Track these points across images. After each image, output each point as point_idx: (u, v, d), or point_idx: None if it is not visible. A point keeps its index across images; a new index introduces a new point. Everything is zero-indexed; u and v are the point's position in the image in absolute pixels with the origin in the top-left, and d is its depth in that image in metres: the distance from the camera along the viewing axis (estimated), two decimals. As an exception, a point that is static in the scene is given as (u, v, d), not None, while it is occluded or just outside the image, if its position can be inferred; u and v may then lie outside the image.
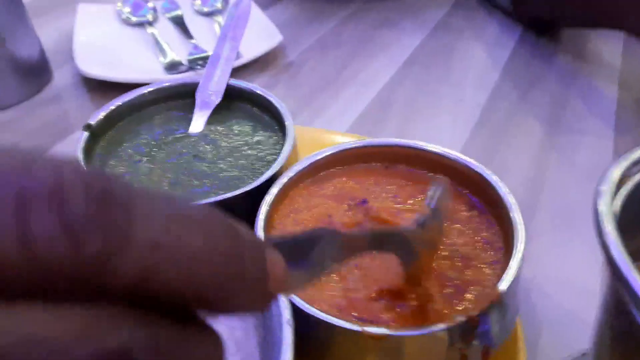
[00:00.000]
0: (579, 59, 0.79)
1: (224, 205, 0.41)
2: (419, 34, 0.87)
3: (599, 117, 0.66)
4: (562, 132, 0.63)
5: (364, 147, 0.44)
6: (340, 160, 0.45)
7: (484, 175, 0.40)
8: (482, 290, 0.34)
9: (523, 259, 0.34)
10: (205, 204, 0.40)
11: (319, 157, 0.44)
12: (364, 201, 0.42)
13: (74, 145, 0.62)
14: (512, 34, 0.85)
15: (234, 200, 0.41)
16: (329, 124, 0.66)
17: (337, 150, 0.44)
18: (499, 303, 0.32)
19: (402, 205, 0.41)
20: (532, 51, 0.81)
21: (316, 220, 0.41)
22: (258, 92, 0.53)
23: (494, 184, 0.39)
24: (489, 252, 0.37)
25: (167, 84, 0.54)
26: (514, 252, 0.34)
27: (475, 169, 0.41)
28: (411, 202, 0.42)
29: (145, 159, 0.48)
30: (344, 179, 0.44)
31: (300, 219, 0.41)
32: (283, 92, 0.72)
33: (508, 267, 0.33)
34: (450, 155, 0.42)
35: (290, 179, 0.42)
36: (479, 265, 0.36)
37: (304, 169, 0.43)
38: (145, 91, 0.53)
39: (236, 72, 0.74)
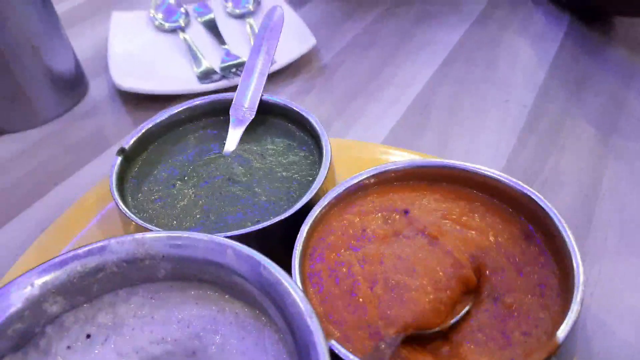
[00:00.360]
0: (635, 52, 0.73)
1: (258, 234, 0.40)
2: (459, 28, 0.82)
3: (660, 118, 0.61)
4: (619, 137, 0.59)
5: (404, 168, 0.42)
6: (379, 182, 0.42)
7: (540, 202, 0.37)
8: (537, 340, 0.31)
9: (582, 303, 0.31)
10: (238, 235, 0.39)
11: (356, 180, 0.42)
12: (406, 211, 0.40)
13: (109, 161, 0.62)
14: (559, 25, 0.80)
15: (268, 230, 0.40)
16: (365, 132, 0.63)
17: (375, 172, 0.42)
18: (556, 354, 0.30)
19: (446, 219, 0.39)
20: (581, 43, 0.75)
21: (350, 238, 0.39)
22: (293, 108, 0.51)
23: (550, 213, 0.36)
24: (543, 293, 0.34)
25: (199, 102, 0.53)
26: (574, 295, 0.31)
27: (530, 195, 0.38)
28: (454, 216, 0.39)
29: (178, 182, 0.47)
30: (382, 194, 0.42)
31: (334, 240, 0.39)
32: (317, 98, 0.70)
33: (568, 313, 0.30)
34: (503, 180, 0.39)
35: (328, 204, 0.40)
36: (531, 308, 0.33)
37: (340, 194, 0.41)
38: (178, 110, 0.52)
39: (269, 77, 0.72)
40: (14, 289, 0.31)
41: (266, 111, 0.52)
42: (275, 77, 0.73)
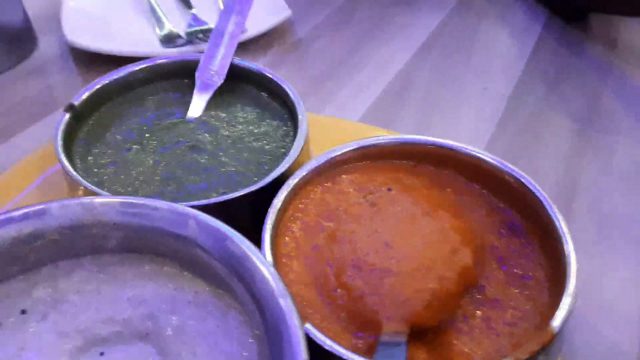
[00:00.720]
0: (611, 48, 0.72)
1: (224, 206, 0.35)
2: (437, 14, 0.80)
3: (636, 114, 0.60)
4: (596, 131, 0.58)
5: (388, 144, 0.39)
6: (359, 157, 0.39)
7: (529, 186, 0.34)
8: (524, 331, 0.29)
9: (576, 296, 0.29)
10: (202, 205, 0.34)
11: (336, 153, 0.38)
12: (389, 189, 0.37)
13: (55, 123, 0.56)
14: (538, 18, 0.79)
15: (236, 201, 0.36)
16: (340, 111, 0.60)
17: (357, 146, 0.38)
18: (550, 345, 0.27)
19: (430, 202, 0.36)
20: (559, 38, 0.74)
21: (327, 216, 0.35)
22: (267, 74, 0.47)
23: (541, 198, 0.33)
24: (531, 284, 0.32)
25: (162, 61, 0.48)
26: (566, 287, 0.29)
27: (519, 178, 0.35)
28: (439, 201, 0.36)
29: (135, 147, 0.42)
30: (363, 171, 0.38)
31: (309, 220, 0.35)
32: (290, 73, 0.66)
33: (561, 303, 0.28)
34: (489, 160, 0.36)
35: (302, 179, 0.36)
36: (519, 298, 0.31)
37: (317, 167, 0.37)
38: (138, 68, 0.47)
39: (238, 48, 0.67)
40: None
41: (236, 77, 0.48)
42: (244, 48, 0.68)
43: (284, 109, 0.46)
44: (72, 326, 0.26)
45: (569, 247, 0.31)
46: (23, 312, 0.27)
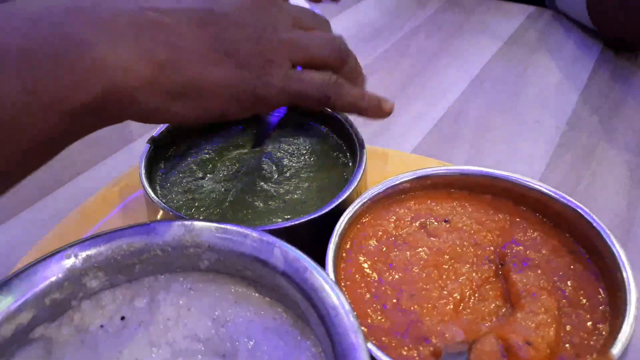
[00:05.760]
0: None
1: (288, 231, 0.38)
2: (491, 47, 0.82)
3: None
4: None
5: (445, 175, 0.41)
6: (416, 187, 0.41)
7: (587, 217, 0.36)
8: (591, 356, 0.30)
9: (635, 322, 0.29)
10: (268, 229, 0.37)
11: (393, 184, 0.40)
12: (446, 220, 0.38)
13: (131, 155, 0.61)
14: (591, 51, 0.79)
15: (299, 227, 0.38)
16: (394, 142, 0.62)
17: (413, 177, 0.41)
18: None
19: (489, 232, 0.37)
20: (613, 71, 0.75)
21: (385, 244, 0.37)
22: (327, 109, 0.50)
23: (598, 228, 0.34)
24: (590, 310, 0.32)
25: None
26: (626, 314, 0.29)
27: (576, 208, 0.36)
28: (497, 229, 0.38)
29: (207, 175, 0.46)
30: (420, 200, 0.40)
31: (368, 245, 0.38)
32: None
33: (620, 331, 0.29)
34: (546, 191, 0.38)
35: (362, 207, 0.39)
36: (579, 324, 0.32)
37: (376, 196, 0.40)
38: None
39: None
40: (56, 258, 0.30)
41: (297, 111, 0.51)
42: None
43: (343, 141, 0.49)
44: (163, 337, 0.30)
45: (628, 275, 0.32)
46: (122, 318, 0.30)
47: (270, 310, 0.31)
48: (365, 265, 0.35)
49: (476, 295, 0.34)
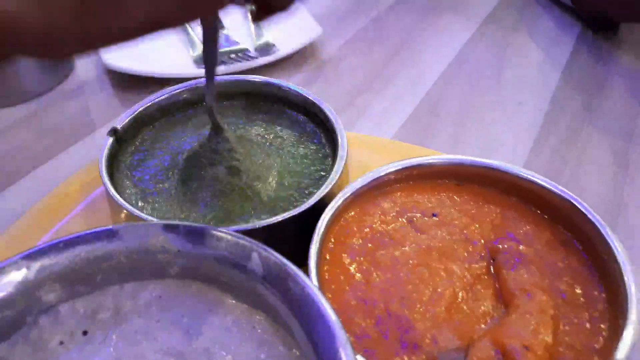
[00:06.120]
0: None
1: (267, 231, 0.35)
2: (467, 28, 0.79)
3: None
4: (635, 143, 0.56)
5: (432, 164, 0.38)
6: (402, 179, 0.38)
7: (581, 208, 0.34)
8: (590, 354, 0.28)
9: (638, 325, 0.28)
10: (245, 230, 0.34)
11: (377, 175, 0.38)
12: (434, 214, 0.36)
13: (94, 145, 0.57)
14: (570, 31, 0.78)
15: (278, 226, 0.35)
16: (373, 128, 0.60)
17: (398, 168, 0.38)
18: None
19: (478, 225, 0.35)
20: (593, 51, 0.73)
21: (371, 242, 0.35)
22: (304, 95, 0.47)
23: (593, 220, 0.33)
24: (588, 309, 0.31)
25: (200, 84, 0.48)
26: (627, 313, 0.28)
27: (571, 200, 0.34)
28: (487, 222, 0.36)
29: (176, 171, 0.42)
30: (407, 193, 0.38)
31: (353, 243, 0.35)
32: (321, 90, 0.66)
33: (623, 333, 0.27)
34: (538, 181, 0.36)
35: (344, 203, 0.36)
36: (578, 325, 0.30)
37: (359, 189, 0.37)
38: (176, 91, 0.47)
39: (271, 67, 0.68)
40: (6, 270, 0.27)
41: (272, 98, 0.48)
42: (278, 66, 0.69)
43: (321, 129, 0.46)
44: (131, 353, 0.27)
45: (627, 270, 0.30)
46: (85, 333, 0.27)
47: (249, 319, 0.29)
48: (351, 267, 0.33)
49: (468, 294, 0.32)
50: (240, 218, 0.38)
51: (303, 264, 0.32)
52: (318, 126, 0.46)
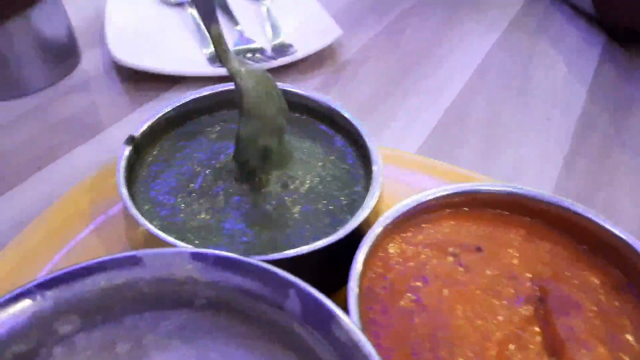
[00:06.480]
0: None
1: (298, 262, 0.32)
2: (490, 35, 0.77)
3: None
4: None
5: (480, 192, 0.35)
6: (445, 206, 0.36)
7: (637, 248, 0.31)
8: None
9: None
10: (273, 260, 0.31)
11: (418, 202, 0.35)
12: (478, 248, 0.33)
13: (103, 147, 0.54)
14: (595, 41, 0.75)
15: (309, 256, 0.32)
16: (397, 139, 0.57)
17: (445, 193, 0.35)
18: None
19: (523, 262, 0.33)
20: (619, 64, 0.71)
21: (413, 277, 0.32)
22: (336, 109, 0.43)
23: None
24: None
25: (224, 88, 0.45)
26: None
27: (625, 238, 0.32)
28: (537, 263, 0.33)
29: (198, 188, 0.39)
30: (451, 225, 0.35)
31: (393, 278, 0.32)
32: (340, 95, 0.63)
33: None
34: (595, 220, 0.33)
35: (383, 232, 0.33)
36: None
37: (400, 215, 0.34)
38: (200, 96, 0.44)
39: (288, 69, 0.65)
40: (19, 299, 0.24)
41: (296, 107, 0.45)
42: (295, 68, 0.66)
43: (352, 147, 0.43)
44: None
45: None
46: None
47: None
48: (393, 307, 0.30)
49: (517, 342, 0.29)
50: (269, 246, 0.35)
51: (337, 301, 0.29)
52: (350, 144, 0.43)
